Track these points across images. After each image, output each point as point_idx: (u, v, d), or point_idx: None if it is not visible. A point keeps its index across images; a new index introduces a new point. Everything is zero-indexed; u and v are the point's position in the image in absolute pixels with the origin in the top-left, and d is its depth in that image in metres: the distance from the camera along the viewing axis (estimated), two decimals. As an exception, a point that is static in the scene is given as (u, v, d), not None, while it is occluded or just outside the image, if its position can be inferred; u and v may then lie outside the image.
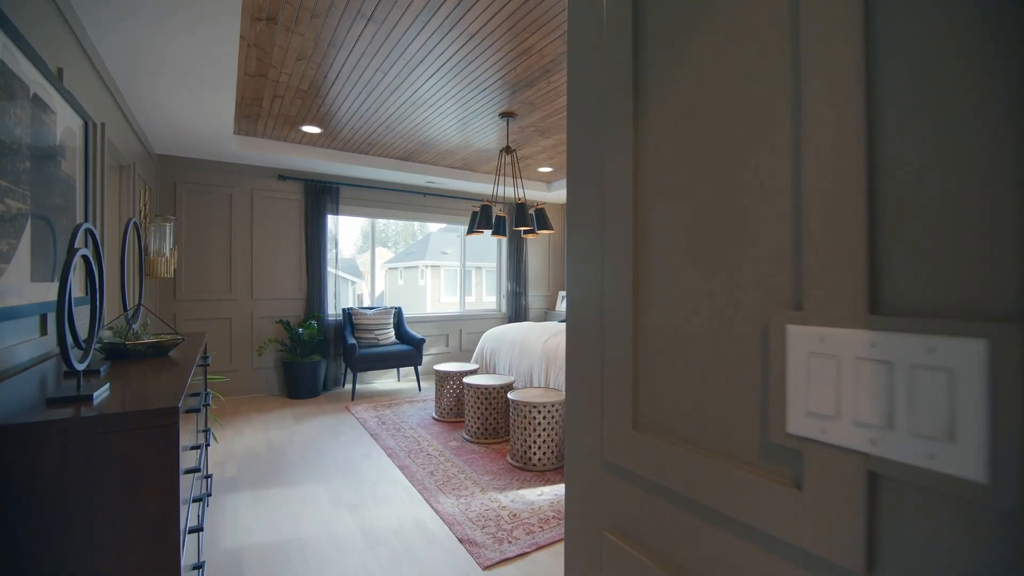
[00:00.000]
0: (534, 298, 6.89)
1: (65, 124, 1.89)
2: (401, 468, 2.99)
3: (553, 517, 2.38)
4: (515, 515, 2.40)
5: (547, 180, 6.03)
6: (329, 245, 5.15)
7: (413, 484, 2.76)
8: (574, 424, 0.80)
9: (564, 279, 7.12)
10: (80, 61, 2.13)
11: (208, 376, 3.08)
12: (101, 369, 1.45)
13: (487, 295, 15.14)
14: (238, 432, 3.70)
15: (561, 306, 6.76)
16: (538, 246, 6.91)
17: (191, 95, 2.92)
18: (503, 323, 6.60)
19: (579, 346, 0.77)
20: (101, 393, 1.19)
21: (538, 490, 2.69)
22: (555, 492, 2.66)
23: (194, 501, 1.49)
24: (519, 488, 2.71)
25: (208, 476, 2.21)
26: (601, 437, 0.74)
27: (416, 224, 19.75)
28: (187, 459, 1.36)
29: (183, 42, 2.29)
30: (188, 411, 1.36)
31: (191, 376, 1.44)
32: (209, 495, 1.92)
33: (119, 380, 1.38)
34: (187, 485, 1.36)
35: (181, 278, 4.46)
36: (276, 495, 2.62)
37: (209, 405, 2.26)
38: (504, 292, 6.67)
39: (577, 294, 0.78)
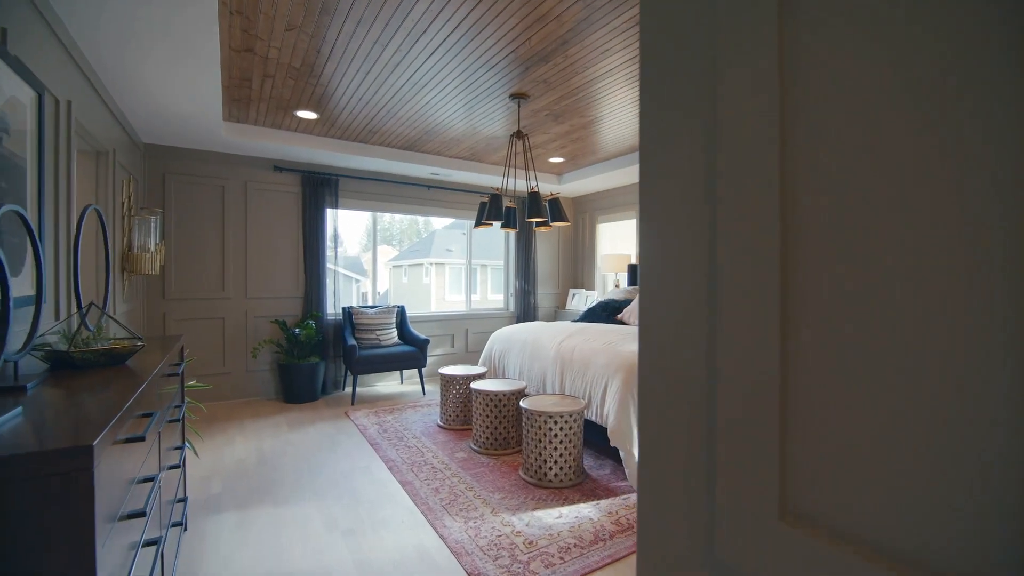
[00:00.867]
0: (543, 296, 6.60)
1: (9, 94, 1.61)
2: (403, 484, 2.71)
3: (575, 546, 2.09)
4: (531, 542, 2.11)
5: (558, 172, 5.73)
6: (329, 241, 4.88)
7: (416, 504, 2.48)
8: (652, 494, 0.52)
9: (576, 276, 6.81)
10: (34, 25, 1.85)
11: (188, 384, 2.82)
12: (28, 385, 1.18)
13: (493, 293, 14.85)
14: (228, 441, 3.43)
15: (572, 304, 6.44)
16: (548, 242, 6.61)
17: (172, 72, 2.65)
18: (511, 322, 6.30)
19: (662, 374, 0.49)
20: (7, 421, 0.92)
21: (556, 511, 2.40)
22: (575, 514, 2.37)
23: (145, 546, 1.21)
24: (534, 509, 2.43)
25: (182, 500, 1.94)
26: (709, 524, 0.46)
27: (420, 221, 19.50)
28: (129, 499, 1.08)
29: (156, 7, 2.02)
30: (129, 439, 1.08)
31: (138, 393, 1.16)
32: (181, 525, 1.64)
33: (47, 399, 1.10)
34: (134, 530, 1.09)
35: (170, 276, 4.20)
36: (264, 517, 2.35)
37: (181, 419, 1.98)
38: (512, 290, 6.39)
39: (657, 280, 0.49)
